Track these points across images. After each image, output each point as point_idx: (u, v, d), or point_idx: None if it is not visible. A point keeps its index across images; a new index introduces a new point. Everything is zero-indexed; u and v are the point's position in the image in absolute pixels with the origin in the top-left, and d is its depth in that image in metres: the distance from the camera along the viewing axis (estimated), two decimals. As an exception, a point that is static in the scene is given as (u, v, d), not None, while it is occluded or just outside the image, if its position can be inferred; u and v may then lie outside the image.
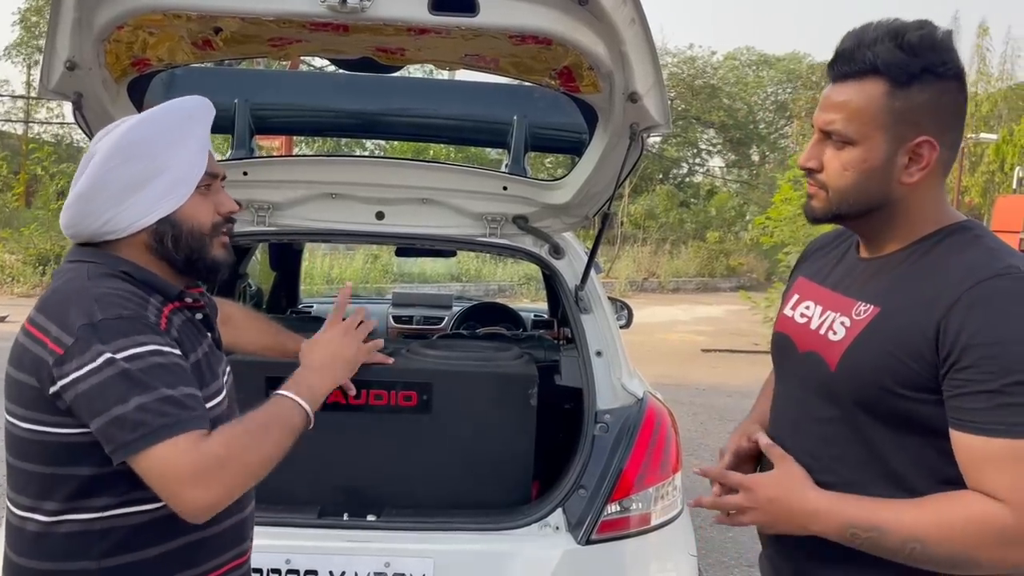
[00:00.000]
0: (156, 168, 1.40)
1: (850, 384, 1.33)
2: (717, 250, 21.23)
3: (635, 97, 2.05)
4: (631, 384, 2.52)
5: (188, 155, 1.43)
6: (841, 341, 1.36)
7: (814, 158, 1.37)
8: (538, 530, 2.24)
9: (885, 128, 1.29)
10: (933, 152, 1.30)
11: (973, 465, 1.22)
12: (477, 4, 1.82)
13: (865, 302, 1.35)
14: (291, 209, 2.64)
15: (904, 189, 1.32)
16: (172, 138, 1.42)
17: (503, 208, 2.64)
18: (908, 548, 1.23)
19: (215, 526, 1.43)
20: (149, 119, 1.45)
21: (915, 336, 1.25)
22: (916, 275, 1.32)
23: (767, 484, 1.38)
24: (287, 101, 2.97)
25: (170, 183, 1.41)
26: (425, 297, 5.43)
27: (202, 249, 1.47)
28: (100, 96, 2.12)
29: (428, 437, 2.36)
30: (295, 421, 1.44)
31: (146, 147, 1.41)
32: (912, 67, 1.27)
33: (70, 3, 1.84)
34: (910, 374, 1.26)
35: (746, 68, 28.81)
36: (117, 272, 1.40)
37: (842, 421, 1.36)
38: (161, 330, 1.34)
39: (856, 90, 1.30)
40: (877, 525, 1.25)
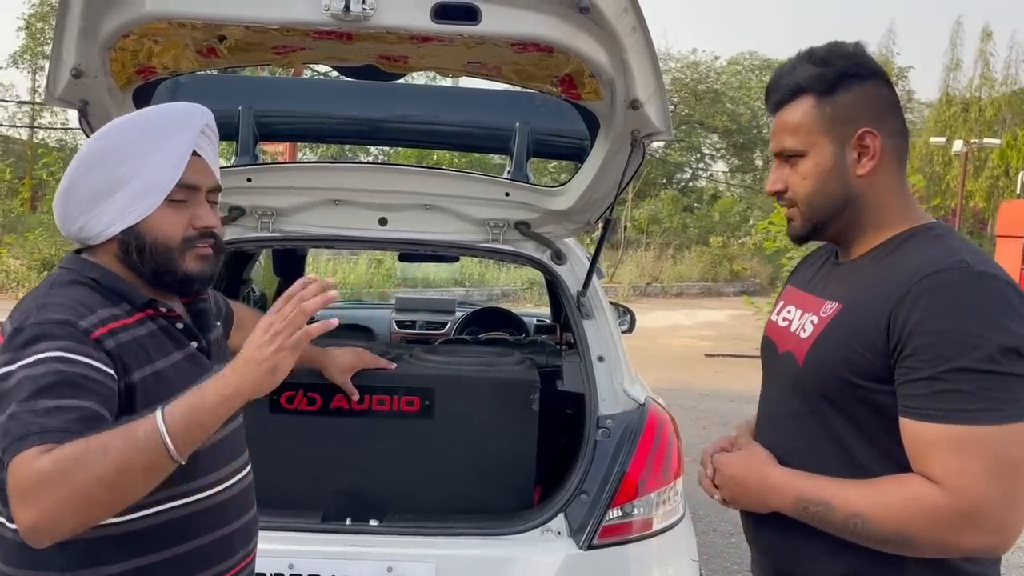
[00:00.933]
0: (122, 176, 1.36)
1: (814, 377, 1.40)
2: (720, 255, 21.24)
3: (636, 104, 2.07)
4: (633, 389, 2.53)
5: (158, 165, 1.37)
6: (808, 338, 1.43)
7: (778, 181, 1.50)
8: (540, 535, 2.25)
9: (824, 132, 1.41)
10: (875, 139, 1.39)
11: (915, 449, 1.27)
12: (479, 12, 1.83)
13: (831, 300, 1.43)
14: (295, 215, 2.65)
15: (862, 182, 1.41)
16: (142, 146, 1.37)
17: (505, 214, 2.65)
18: (851, 523, 1.30)
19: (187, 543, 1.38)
20: (121, 125, 1.41)
21: (870, 328, 1.31)
22: (878, 272, 1.38)
23: (731, 463, 1.49)
24: (291, 108, 2.99)
25: (136, 193, 1.36)
26: (428, 302, 5.44)
27: (169, 263, 1.40)
28: (105, 104, 2.13)
29: (430, 442, 2.37)
30: (145, 444, 1.16)
31: (114, 154, 1.37)
32: (828, 75, 1.40)
33: (76, 12, 1.85)
34: (867, 365, 1.32)
35: (749, 73, 28.82)
36: (84, 279, 1.38)
37: (810, 415, 1.42)
38: (90, 340, 1.27)
39: (791, 111, 1.44)
40: (825, 500, 1.32)
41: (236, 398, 1.21)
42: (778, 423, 1.51)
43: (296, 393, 2.35)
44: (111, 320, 1.33)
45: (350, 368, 2.29)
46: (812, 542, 1.38)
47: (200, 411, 1.19)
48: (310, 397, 2.35)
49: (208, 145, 1.46)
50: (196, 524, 1.40)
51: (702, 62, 27.34)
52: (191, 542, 1.38)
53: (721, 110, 26.62)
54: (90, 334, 1.27)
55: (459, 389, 2.38)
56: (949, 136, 23.21)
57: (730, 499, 1.49)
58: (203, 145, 1.44)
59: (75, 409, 1.18)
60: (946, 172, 24.50)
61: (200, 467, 1.39)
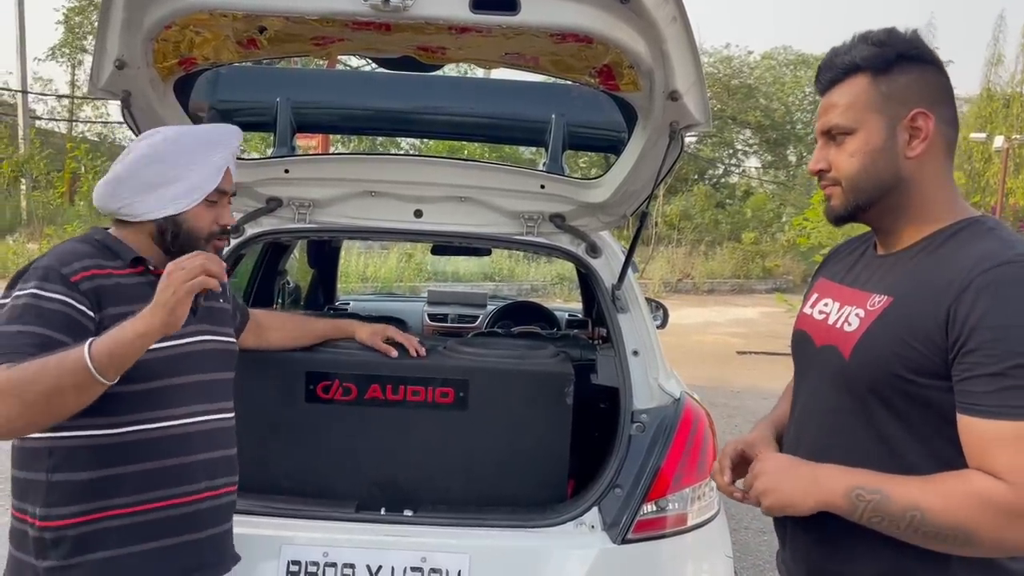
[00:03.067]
0: (175, 176, 1.71)
1: (863, 372, 1.36)
2: (753, 251, 21.02)
3: (676, 95, 2.04)
4: (668, 384, 2.51)
5: (204, 172, 1.73)
6: (855, 331, 1.39)
7: (822, 160, 1.46)
8: (574, 528, 2.24)
9: (878, 110, 1.38)
10: (928, 121, 1.37)
11: (977, 447, 1.24)
12: (518, 2, 1.82)
13: (879, 293, 1.39)
14: (331, 207, 2.67)
15: (911, 165, 1.38)
16: (194, 156, 1.73)
17: (540, 206, 2.65)
18: (909, 515, 1.25)
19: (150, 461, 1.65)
20: (182, 135, 1.77)
21: (926, 322, 1.28)
22: (929, 265, 1.35)
23: (774, 458, 1.45)
24: (328, 100, 3.00)
25: (183, 190, 1.71)
26: (460, 296, 5.45)
27: (190, 246, 1.70)
28: (147, 95, 2.16)
29: (464, 434, 2.38)
30: (73, 367, 1.41)
31: (172, 158, 1.72)
32: (887, 54, 1.38)
33: (120, 3, 1.88)
34: (922, 360, 1.28)
35: (783, 68, 28.43)
36: (91, 239, 1.71)
37: (855, 411, 1.38)
38: (70, 282, 1.57)
39: (844, 89, 1.42)
40: (880, 488, 1.28)
41: (148, 335, 1.45)
42: (817, 418, 1.47)
43: (332, 383, 2.36)
44: (96, 268, 1.64)
45: (380, 331, 2.45)
46: (851, 539, 1.35)
47: (120, 344, 1.43)
48: (346, 387, 2.37)
49: (232, 160, 1.81)
50: (158, 447, 1.67)
51: (735, 57, 27.04)
52: (152, 461, 1.66)
53: (754, 105, 26.30)
54: (69, 277, 1.58)
55: (493, 381, 2.38)
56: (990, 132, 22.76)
57: (771, 489, 1.39)
58: (230, 159, 1.80)
59: (35, 335, 1.49)
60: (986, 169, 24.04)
61: (165, 400, 1.68)
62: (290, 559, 2.16)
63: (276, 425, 2.39)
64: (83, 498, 1.60)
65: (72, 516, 1.59)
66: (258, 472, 2.37)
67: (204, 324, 1.79)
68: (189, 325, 1.66)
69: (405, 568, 2.16)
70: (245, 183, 2.59)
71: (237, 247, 2.66)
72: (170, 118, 2.31)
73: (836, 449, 1.39)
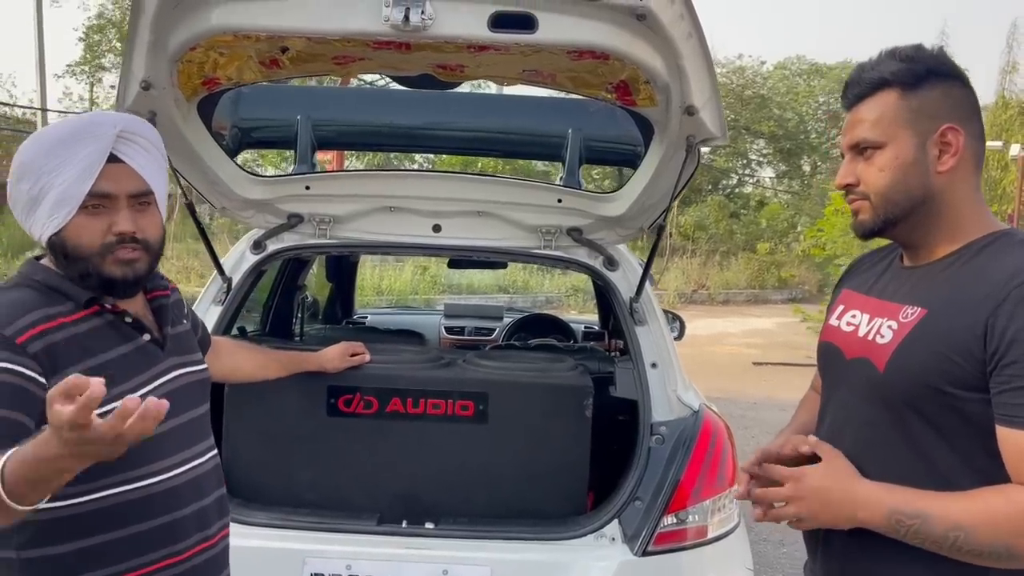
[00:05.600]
0: (43, 188, 1.42)
1: (899, 384, 1.35)
2: (768, 262, 20.92)
3: (692, 110, 2.07)
4: (687, 396, 2.52)
5: (67, 178, 1.41)
6: (889, 343, 1.39)
7: (850, 175, 1.46)
8: (594, 540, 2.25)
9: (908, 124, 1.39)
10: (959, 136, 1.37)
11: (1017, 458, 1.23)
12: (536, 21, 1.85)
13: (912, 305, 1.39)
14: (351, 222, 2.70)
15: (942, 179, 1.38)
16: (53, 159, 1.41)
17: (558, 220, 2.67)
18: (952, 536, 1.25)
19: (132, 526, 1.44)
20: (36, 139, 1.46)
21: (964, 334, 1.28)
22: (963, 277, 1.35)
23: (814, 474, 1.40)
24: (347, 117, 3.05)
25: (53, 203, 1.42)
26: (476, 308, 5.49)
27: (89, 267, 1.44)
28: (172, 114, 2.20)
29: (485, 446, 2.39)
30: None
31: (31, 167, 1.43)
32: (917, 69, 1.39)
33: (146, 26, 1.92)
34: (959, 372, 1.28)
35: (797, 77, 28.39)
36: (30, 281, 1.46)
37: (890, 423, 1.38)
38: (16, 345, 1.34)
39: (872, 104, 1.42)
40: (921, 511, 1.27)
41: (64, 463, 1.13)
42: (851, 431, 1.45)
43: (353, 397, 2.39)
44: (44, 321, 1.40)
45: (344, 351, 2.40)
46: (888, 551, 1.34)
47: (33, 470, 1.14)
48: (367, 401, 2.39)
49: (135, 150, 1.46)
50: (141, 508, 1.46)
51: (748, 67, 27.01)
52: (136, 525, 1.45)
53: (768, 115, 26.25)
54: (14, 339, 1.34)
55: (513, 394, 2.40)
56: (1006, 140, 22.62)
57: (810, 513, 1.39)
58: (125, 151, 1.45)
59: None
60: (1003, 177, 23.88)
61: (145, 456, 1.44)
62: (312, 572, 2.18)
63: (298, 439, 2.42)
64: (62, 574, 1.41)
65: None
66: (281, 485, 2.40)
67: (173, 357, 1.58)
68: (158, 363, 1.53)
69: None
70: (266, 200, 2.63)
71: (258, 263, 2.70)
72: (194, 136, 2.36)
73: (872, 463, 1.39)
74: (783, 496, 1.40)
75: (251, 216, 2.70)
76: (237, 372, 2.19)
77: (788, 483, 1.40)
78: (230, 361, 2.13)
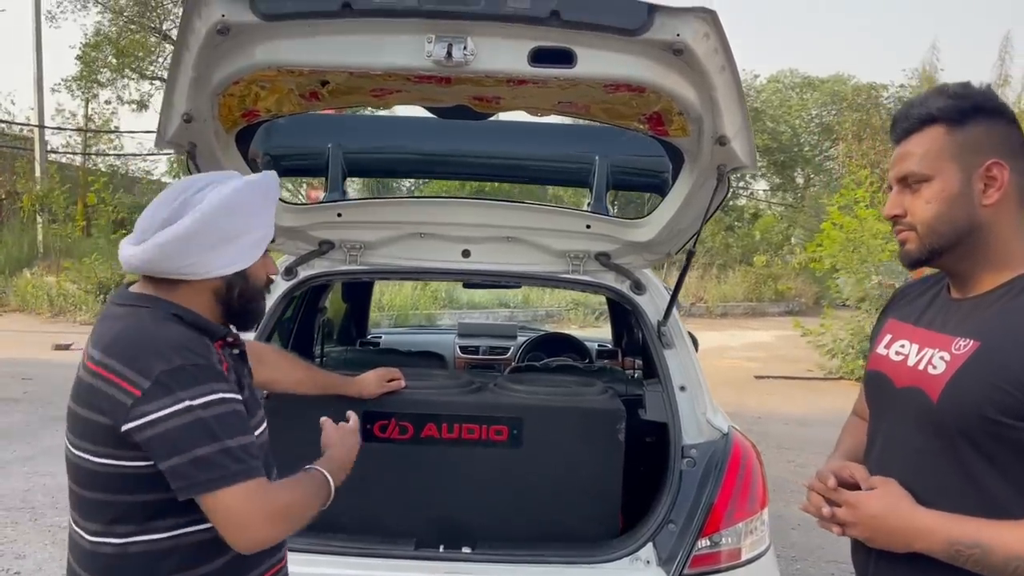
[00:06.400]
0: (248, 227, 1.59)
1: (953, 414, 1.39)
2: (764, 274, 20.98)
3: (724, 140, 2.11)
4: (716, 419, 2.56)
5: (267, 221, 1.64)
6: (942, 374, 1.42)
7: (898, 206, 1.50)
8: (629, 564, 2.28)
9: (954, 159, 1.44)
10: (1004, 171, 1.42)
11: None
12: (575, 56, 1.89)
13: (964, 337, 1.42)
14: (382, 248, 2.74)
15: (987, 212, 1.43)
16: (263, 205, 1.63)
17: (586, 246, 2.71)
18: (1012, 566, 1.29)
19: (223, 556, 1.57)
20: (252, 185, 1.61)
21: (1019, 367, 1.32)
22: (1014, 310, 1.39)
23: (871, 502, 1.44)
24: (377, 145, 3.09)
25: (253, 242, 1.61)
26: (491, 328, 5.52)
27: (255, 300, 1.67)
28: (212, 145, 2.24)
29: (519, 470, 2.42)
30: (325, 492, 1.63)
31: (246, 208, 1.58)
32: (963, 105, 1.44)
33: (189, 63, 1.96)
34: (1014, 403, 1.32)
35: (789, 90, 28.60)
36: (171, 316, 1.53)
37: (943, 452, 1.41)
38: (225, 376, 1.50)
39: (920, 139, 1.47)
40: (980, 542, 1.31)
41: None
42: (902, 459, 1.49)
43: (388, 422, 2.42)
44: (219, 355, 1.55)
45: (382, 376, 2.47)
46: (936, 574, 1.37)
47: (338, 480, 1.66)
48: (402, 426, 2.42)
49: None
50: None
51: (742, 81, 27.25)
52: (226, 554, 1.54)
53: (761, 128, 26.38)
54: (223, 372, 1.50)
55: (547, 419, 2.43)
56: (998, 152, 22.76)
57: (867, 537, 1.45)
58: None
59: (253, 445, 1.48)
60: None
61: None
62: None
63: None
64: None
65: None
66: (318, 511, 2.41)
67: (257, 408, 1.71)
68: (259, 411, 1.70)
69: (466, 605, 2.20)
70: (298, 227, 2.67)
71: (290, 289, 2.73)
72: (231, 166, 2.39)
73: (923, 489, 1.42)
74: (840, 519, 1.46)
75: (283, 243, 2.73)
76: (275, 383, 2.27)
77: (845, 507, 1.46)
78: (273, 371, 2.22)
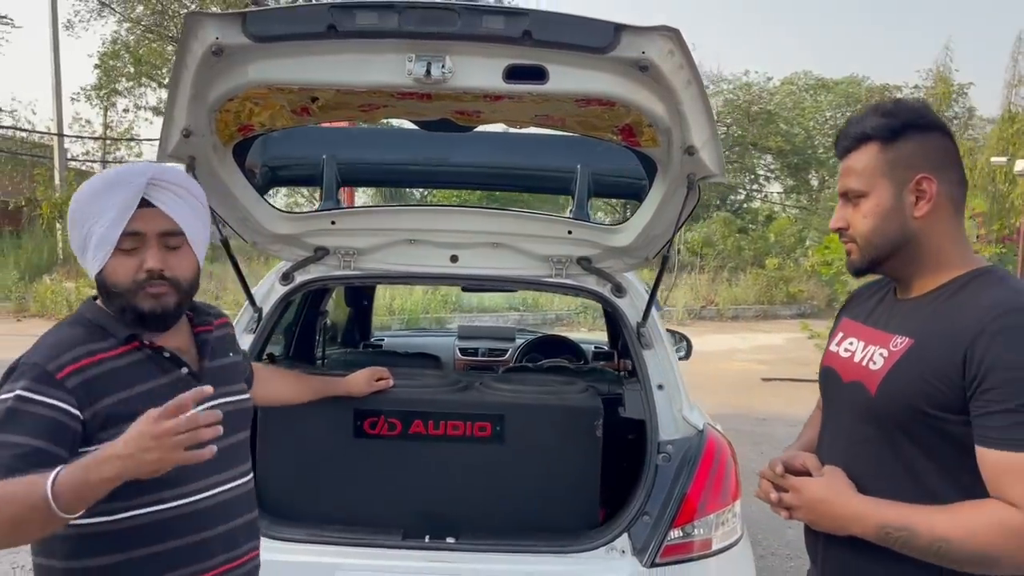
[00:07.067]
0: (87, 234, 1.58)
1: (889, 407, 1.51)
2: (776, 277, 20.97)
3: (692, 150, 2.22)
4: (692, 416, 2.66)
5: (105, 222, 1.56)
6: (880, 370, 1.55)
7: (841, 219, 1.64)
8: (605, 554, 2.39)
9: (885, 175, 1.56)
10: (932, 185, 1.53)
11: (995, 476, 1.38)
12: (547, 73, 2.01)
13: (901, 335, 1.55)
14: (374, 254, 2.87)
15: (919, 224, 1.55)
16: (92, 209, 1.58)
17: (568, 250, 2.83)
18: (936, 547, 1.40)
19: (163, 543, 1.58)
20: (80, 194, 1.62)
21: (945, 363, 1.43)
22: (946, 311, 1.50)
23: (814, 487, 1.57)
24: (368, 156, 3.22)
25: (94, 247, 1.58)
26: (489, 330, 5.65)
27: (124, 302, 1.59)
28: (210, 158, 2.38)
29: (502, 465, 2.55)
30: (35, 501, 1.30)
31: (76, 216, 1.60)
32: (894, 124, 1.55)
33: (188, 82, 2.09)
34: (941, 397, 1.43)
35: (803, 93, 28.52)
36: (82, 319, 1.62)
37: (881, 442, 1.54)
38: (56, 380, 1.49)
39: (857, 156, 1.60)
40: (908, 526, 1.43)
41: (117, 480, 1.32)
42: (846, 449, 1.61)
43: (378, 420, 2.55)
44: (86, 356, 1.55)
45: (371, 375, 2.57)
46: (879, 559, 1.49)
47: (86, 486, 1.31)
48: (391, 423, 2.55)
49: (166, 195, 1.61)
50: (172, 527, 1.59)
51: (755, 83, 27.21)
52: (167, 543, 1.58)
53: (775, 131, 26.38)
54: (55, 375, 1.50)
55: (528, 415, 2.55)
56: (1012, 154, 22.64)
57: (810, 520, 1.58)
58: (156, 196, 1.60)
59: (16, 446, 1.41)
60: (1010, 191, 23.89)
61: (178, 478, 1.56)
62: None
63: (327, 459, 2.57)
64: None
65: None
66: (311, 503, 2.56)
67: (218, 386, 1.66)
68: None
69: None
70: (294, 234, 2.81)
71: (287, 294, 2.87)
72: (228, 177, 2.53)
73: (865, 477, 1.54)
74: (787, 503, 1.59)
75: (280, 249, 2.87)
76: (275, 398, 2.34)
77: (792, 492, 1.59)
78: (269, 387, 2.28)
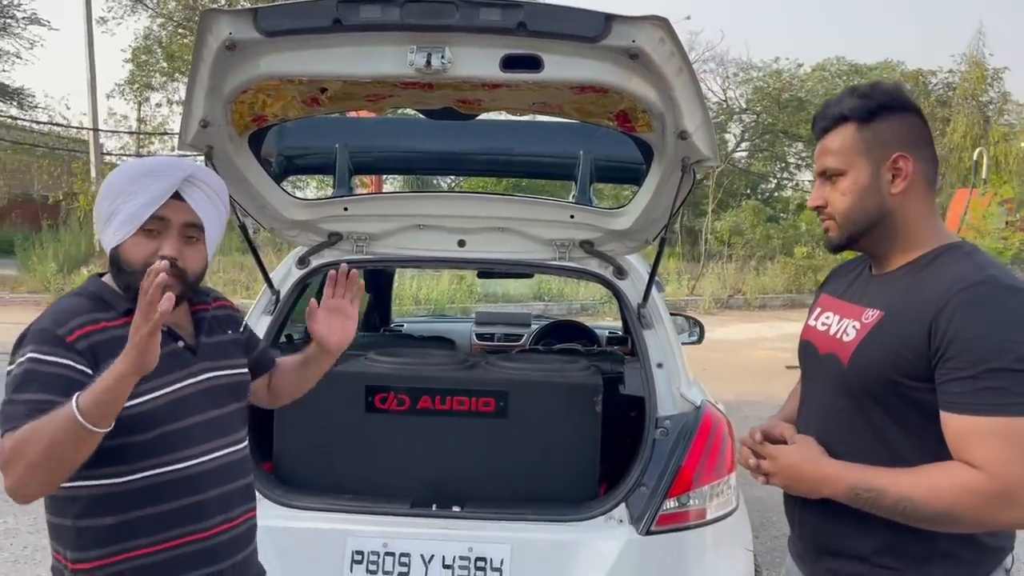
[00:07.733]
0: (116, 208, 1.68)
1: (860, 377, 1.59)
2: (805, 266, 20.79)
3: (685, 135, 2.31)
4: (690, 393, 2.76)
5: (137, 204, 1.66)
6: (852, 341, 1.63)
7: (819, 198, 1.71)
8: (603, 522, 2.50)
9: (863, 154, 1.62)
10: (908, 163, 1.60)
11: (957, 439, 1.46)
12: (542, 62, 2.11)
13: (873, 308, 1.63)
14: (385, 239, 3.00)
15: (895, 200, 1.62)
16: (126, 187, 1.68)
17: (571, 234, 2.94)
18: (901, 506, 1.48)
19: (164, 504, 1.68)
20: (124, 168, 1.73)
21: (912, 333, 1.51)
22: (915, 284, 1.58)
23: (788, 453, 1.66)
24: (380, 144, 3.35)
25: (119, 223, 1.67)
26: (505, 316, 5.78)
27: (131, 281, 1.65)
28: (226, 148, 2.51)
29: (505, 439, 2.67)
30: (65, 423, 1.44)
31: (110, 192, 1.70)
32: (870, 105, 1.62)
33: (205, 74, 2.23)
34: (909, 366, 1.51)
35: (836, 79, 28.18)
36: (86, 291, 1.73)
37: (855, 411, 1.62)
38: (66, 342, 1.59)
39: (835, 136, 1.66)
40: (876, 487, 1.51)
41: (126, 377, 1.43)
42: (823, 418, 1.70)
43: (388, 395, 2.68)
44: (91, 323, 1.65)
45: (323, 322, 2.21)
46: (852, 520, 1.58)
47: (103, 391, 1.43)
48: (400, 399, 2.68)
49: (197, 194, 1.72)
50: (171, 490, 1.70)
51: (785, 70, 26.97)
52: (164, 504, 1.69)
53: (806, 118, 26.07)
54: (65, 338, 1.60)
55: (530, 392, 2.67)
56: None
57: (785, 484, 1.67)
58: (189, 192, 1.71)
59: (36, 402, 1.51)
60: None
61: (174, 444, 1.69)
62: (354, 549, 2.47)
63: (340, 432, 2.71)
64: (107, 541, 1.67)
65: (99, 558, 1.67)
66: (325, 474, 2.70)
67: (206, 362, 1.79)
68: (190, 366, 1.74)
69: (454, 557, 2.45)
70: (310, 220, 2.94)
71: (303, 277, 3.01)
72: (245, 166, 2.66)
73: (840, 444, 1.63)
74: (764, 469, 1.69)
75: (296, 235, 3.01)
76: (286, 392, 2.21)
77: (768, 459, 1.68)
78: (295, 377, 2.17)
